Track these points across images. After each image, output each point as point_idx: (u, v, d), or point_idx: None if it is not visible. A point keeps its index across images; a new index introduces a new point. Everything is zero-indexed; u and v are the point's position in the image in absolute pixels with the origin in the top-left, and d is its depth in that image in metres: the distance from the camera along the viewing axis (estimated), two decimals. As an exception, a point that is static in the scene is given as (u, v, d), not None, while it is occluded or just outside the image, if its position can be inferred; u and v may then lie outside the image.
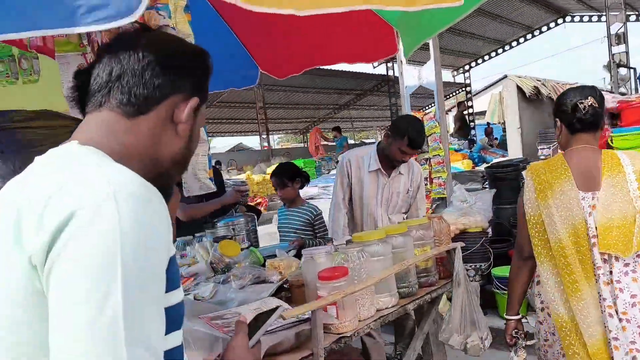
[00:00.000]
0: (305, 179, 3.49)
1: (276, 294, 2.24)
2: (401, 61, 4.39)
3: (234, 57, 3.05)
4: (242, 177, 11.76)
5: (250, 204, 7.36)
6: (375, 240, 2.07)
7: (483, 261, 3.78)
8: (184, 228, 3.33)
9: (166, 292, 0.80)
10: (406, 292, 2.18)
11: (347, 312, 1.83)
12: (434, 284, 2.33)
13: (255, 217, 3.53)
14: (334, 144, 14.85)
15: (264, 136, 16.84)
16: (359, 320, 1.91)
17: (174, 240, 3.33)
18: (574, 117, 1.85)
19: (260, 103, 16.37)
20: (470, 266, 3.76)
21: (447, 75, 22.91)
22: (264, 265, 2.71)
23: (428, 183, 4.18)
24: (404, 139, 2.86)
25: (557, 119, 1.93)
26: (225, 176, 14.03)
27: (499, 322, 3.24)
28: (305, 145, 22.21)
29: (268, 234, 6.08)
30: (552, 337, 1.91)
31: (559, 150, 2.03)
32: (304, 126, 24.97)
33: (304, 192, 9.79)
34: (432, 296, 2.29)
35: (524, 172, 2.43)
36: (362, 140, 31.34)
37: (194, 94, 1.00)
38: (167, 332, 0.80)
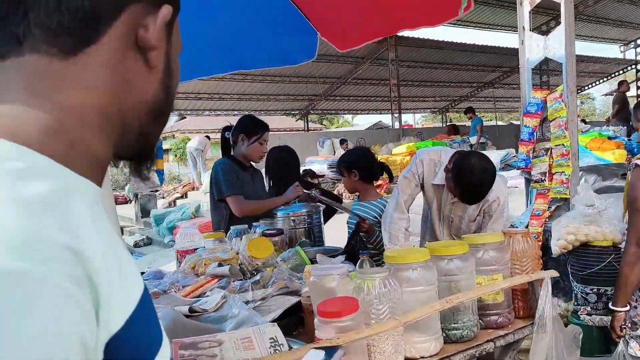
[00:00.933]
0: (367, 172, 2.97)
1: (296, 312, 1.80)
2: (523, 27, 3.57)
3: (290, 26, 2.61)
4: (365, 156, 11.34)
5: (327, 190, 6.88)
6: (412, 264, 1.51)
7: (609, 284, 2.93)
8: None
9: None
10: (458, 335, 1.59)
11: (351, 362, 1.33)
12: (504, 326, 1.70)
13: (321, 208, 3.09)
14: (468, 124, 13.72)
15: (396, 115, 16.16)
16: (374, 375, 1.39)
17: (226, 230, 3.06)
18: None
19: (394, 80, 15.69)
20: (592, 289, 2.94)
21: (613, 50, 20.04)
22: (310, 269, 2.29)
23: (546, 179, 3.37)
24: (456, 189, 2.29)
25: None
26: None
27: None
28: (444, 126, 21.08)
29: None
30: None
31: None
32: (444, 105, 23.72)
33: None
34: (500, 343, 1.67)
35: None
36: (511, 121, 29.03)
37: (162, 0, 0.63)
38: None
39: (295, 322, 1.79)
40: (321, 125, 35.29)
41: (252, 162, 3.28)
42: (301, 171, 4.69)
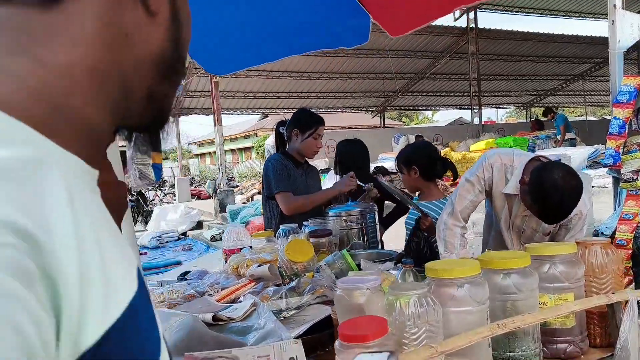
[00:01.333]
0: (428, 168, 2.70)
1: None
2: (614, 5, 3.13)
3: (341, 8, 2.40)
4: (441, 153, 10.86)
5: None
6: (458, 279, 1.27)
7: None
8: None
9: None
10: (515, 365, 1.33)
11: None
12: (574, 357, 1.41)
13: (377, 207, 2.86)
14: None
15: (476, 110, 15.44)
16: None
17: (275, 229, 2.92)
18: None
19: (474, 74, 15.00)
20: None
21: None
22: (357, 275, 2.09)
23: (639, 179, 2.93)
24: (534, 207, 1.96)
25: None
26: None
27: None
28: (528, 121, 19.95)
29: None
30: None
31: None
32: (528, 99, 22.45)
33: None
34: (569, 377, 1.38)
35: None
36: (604, 116, 27.00)
37: None
38: None
39: (329, 338, 1.59)
40: (400, 122, 34.75)
41: (307, 159, 3.12)
42: (372, 168, 4.50)
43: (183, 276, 2.48)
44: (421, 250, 2.43)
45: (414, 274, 1.57)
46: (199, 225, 11.99)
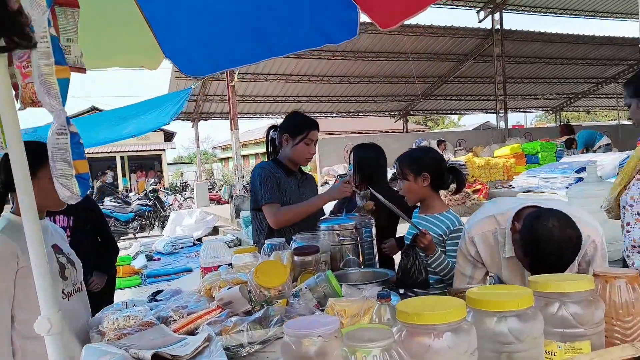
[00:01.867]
0: (440, 177, 2.40)
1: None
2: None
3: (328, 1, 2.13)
4: (463, 159, 10.48)
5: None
6: (437, 326, 0.99)
7: None
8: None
9: None
10: None
11: None
12: None
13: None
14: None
15: (501, 114, 14.94)
16: None
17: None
18: None
19: (500, 77, 14.52)
20: None
21: None
22: (343, 300, 1.81)
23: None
24: (526, 260, 1.66)
25: None
26: (449, 156, 12.91)
27: None
28: (557, 125, 19.32)
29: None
30: None
31: None
32: (557, 103, 21.77)
33: (523, 181, 8.16)
34: None
35: None
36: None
37: None
38: None
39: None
40: (425, 127, 34.23)
41: (301, 166, 2.86)
42: (390, 174, 4.18)
43: (154, 296, 2.24)
44: (408, 271, 2.12)
45: (391, 310, 1.29)
46: (215, 231, 11.83)
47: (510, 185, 8.75)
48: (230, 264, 2.31)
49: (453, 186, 2.52)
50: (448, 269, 2.24)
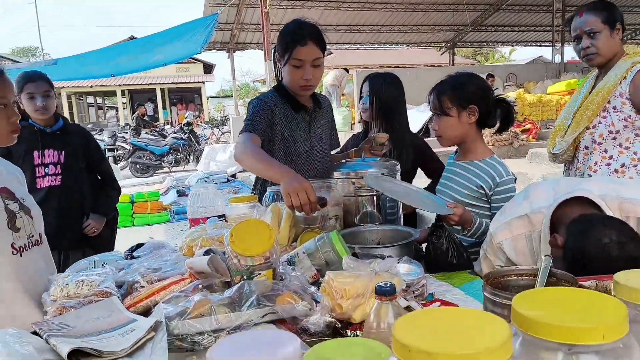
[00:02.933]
0: (489, 112, 1.90)
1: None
2: None
3: None
4: (513, 95, 9.66)
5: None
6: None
7: None
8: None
9: None
10: None
11: None
12: None
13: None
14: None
15: (558, 47, 13.74)
16: None
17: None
18: None
19: (559, 4, 13.22)
20: None
21: None
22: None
23: None
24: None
25: None
26: (499, 91, 11.99)
27: None
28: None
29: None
30: None
31: None
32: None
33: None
34: None
35: None
36: None
37: None
38: None
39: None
40: (474, 61, 32.45)
41: (314, 98, 2.36)
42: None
43: (132, 251, 1.89)
44: (445, 254, 1.68)
45: (394, 309, 0.87)
46: (250, 166, 11.59)
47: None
48: (222, 216, 1.94)
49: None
50: None
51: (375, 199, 1.98)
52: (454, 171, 1.97)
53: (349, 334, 1.22)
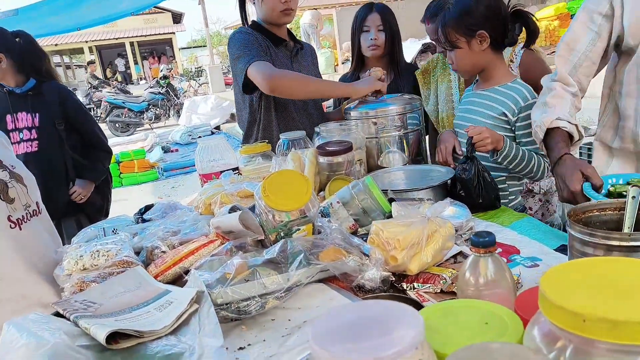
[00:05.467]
0: (502, 31, 1.71)
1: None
2: None
3: None
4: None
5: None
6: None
7: None
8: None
9: None
10: None
11: None
12: None
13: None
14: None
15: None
16: None
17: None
18: None
19: None
20: None
21: None
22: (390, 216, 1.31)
23: None
24: None
25: None
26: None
27: None
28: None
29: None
30: None
31: None
32: None
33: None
34: None
35: None
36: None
37: None
38: None
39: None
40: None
41: (291, 32, 2.19)
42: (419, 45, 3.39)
43: (142, 214, 1.74)
44: (472, 192, 1.53)
45: (495, 263, 0.73)
46: (233, 117, 11.30)
47: (554, 52, 7.83)
48: (236, 169, 1.79)
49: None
50: (526, 161, 1.66)
51: (399, 138, 1.84)
52: (473, 101, 1.81)
53: (405, 287, 1.11)
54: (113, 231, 1.60)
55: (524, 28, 1.76)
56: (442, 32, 1.74)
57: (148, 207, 1.78)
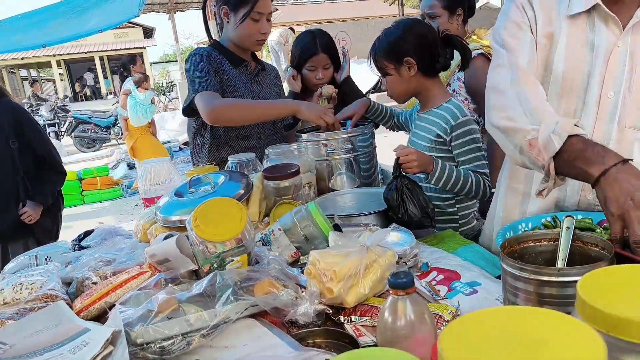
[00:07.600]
0: (431, 58, 1.70)
1: None
2: None
3: None
4: (465, 43, 9.56)
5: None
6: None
7: None
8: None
9: None
10: None
11: None
12: None
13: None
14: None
15: (505, -8, 13.68)
16: None
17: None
18: None
19: (504, -52, 13.07)
20: None
21: None
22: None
23: None
24: None
25: None
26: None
27: None
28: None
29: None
30: None
31: None
32: None
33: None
34: None
35: None
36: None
37: None
38: None
39: None
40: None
41: (254, 52, 2.16)
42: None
43: (80, 241, 1.66)
44: (396, 211, 1.49)
45: (413, 304, 0.70)
46: (202, 132, 11.20)
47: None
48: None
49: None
50: (462, 181, 1.62)
51: (350, 160, 1.81)
52: (418, 125, 1.81)
53: (342, 319, 1.06)
54: (46, 259, 1.52)
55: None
56: (373, 60, 1.78)
57: (88, 233, 1.71)
